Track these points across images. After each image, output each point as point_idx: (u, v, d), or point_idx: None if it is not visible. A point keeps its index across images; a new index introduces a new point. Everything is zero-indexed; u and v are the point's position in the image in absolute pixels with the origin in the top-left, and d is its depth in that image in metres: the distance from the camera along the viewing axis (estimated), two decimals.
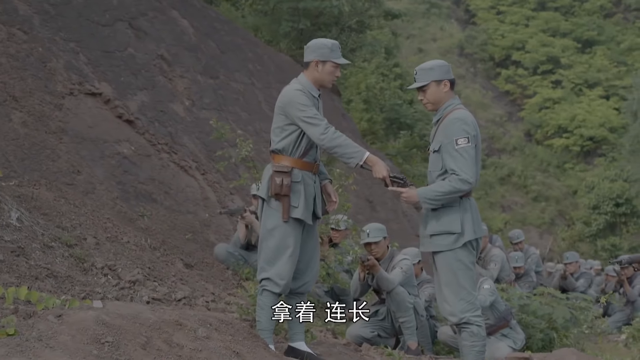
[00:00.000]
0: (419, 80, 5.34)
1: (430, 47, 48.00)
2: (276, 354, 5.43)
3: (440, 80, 5.30)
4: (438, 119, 5.33)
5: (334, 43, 5.55)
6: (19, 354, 3.81)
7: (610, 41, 49.69)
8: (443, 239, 5.21)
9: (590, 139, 41.86)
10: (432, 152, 5.35)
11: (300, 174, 5.52)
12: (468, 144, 5.11)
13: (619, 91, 44.65)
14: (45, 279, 6.05)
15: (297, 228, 5.55)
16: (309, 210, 5.55)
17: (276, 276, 5.57)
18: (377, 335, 7.72)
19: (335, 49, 5.51)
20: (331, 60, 5.48)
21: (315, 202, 5.60)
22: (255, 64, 13.16)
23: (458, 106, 5.30)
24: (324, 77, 5.54)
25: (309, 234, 5.67)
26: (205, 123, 10.66)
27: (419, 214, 14.35)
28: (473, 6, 54.07)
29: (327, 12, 15.20)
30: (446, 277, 5.24)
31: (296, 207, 5.51)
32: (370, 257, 7.47)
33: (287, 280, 5.56)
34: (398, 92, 26.31)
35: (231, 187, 9.35)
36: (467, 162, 5.10)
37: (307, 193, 5.53)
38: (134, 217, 8.41)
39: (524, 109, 45.19)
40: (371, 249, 7.77)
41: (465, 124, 5.15)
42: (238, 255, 8.72)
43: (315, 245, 5.76)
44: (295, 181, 5.51)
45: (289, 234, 5.54)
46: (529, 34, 49.96)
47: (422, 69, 5.37)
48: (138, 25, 10.86)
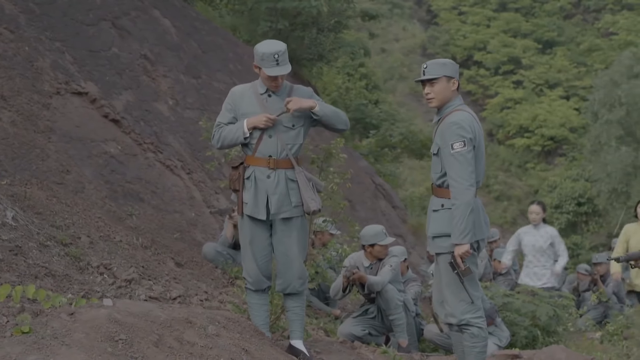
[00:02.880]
0: (430, 73, 5.29)
1: (393, 47, 48.34)
2: (281, 351, 5.54)
3: (451, 77, 5.29)
4: (438, 119, 5.33)
5: (265, 52, 5.40)
6: (36, 351, 3.90)
7: (570, 42, 50.50)
8: (444, 241, 5.24)
9: (551, 139, 42.51)
10: (432, 154, 5.39)
11: (251, 170, 5.51)
12: (463, 148, 5.09)
13: (579, 91, 45.42)
14: (45, 277, 6.08)
15: (254, 225, 5.57)
16: (258, 207, 5.51)
17: (246, 273, 5.72)
18: (368, 334, 7.83)
19: (266, 58, 5.38)
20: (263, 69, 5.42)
21: (269, 199, 5.50)
22: (235, 64, 13.24)
23: (458, 107, 5.28)
24: (262, 80, 5.54)
25: (285, 232, 5.61)
26: (190, 122, 10.72)
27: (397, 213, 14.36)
28: (435, 7, 54.60)
29: (306, 12, 15.26)
30: (447, 278, 5.26)
31: (246, 204, 5.54)
32: (355, 271, 7.61)
33: (255, 276, 5.65)
34: (364, 92, 26.46)
35: (222, 186, 9.40)
36: (463, 167, 5.09)
37: (257, 189, 5.50)
38: (123, 217, 8.46)
39: (485, 109, 45.69)
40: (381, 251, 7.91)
41: (461, 128, 5.13)
42: (226, 254, 8.77)
43: (290, 246, 5.64)
44: (246, 177, 5.53)
45: (247, 231, 5.60)
46: (491, 34, 50.60)
47: (434, 63, 5.35)
48: (121, 25, 10.89)
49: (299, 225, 5.66)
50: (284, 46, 5.49)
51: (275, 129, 5.51)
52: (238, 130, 5.46)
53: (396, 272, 7.82)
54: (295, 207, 5.56)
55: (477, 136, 5.23)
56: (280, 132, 5.52)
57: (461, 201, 5.07)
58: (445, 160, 5.17)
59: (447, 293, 5.32)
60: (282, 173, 5.52)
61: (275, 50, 5.40)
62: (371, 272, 7.79)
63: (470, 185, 5.10)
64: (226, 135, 5.53)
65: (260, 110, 5.50)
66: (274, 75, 5.41)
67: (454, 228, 5.08)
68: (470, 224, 5.06)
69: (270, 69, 5.38)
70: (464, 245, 5.06)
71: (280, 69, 5.41)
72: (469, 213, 5.06)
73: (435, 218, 5.30)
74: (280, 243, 5.62)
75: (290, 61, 5.55)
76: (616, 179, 29.97)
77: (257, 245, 5.62)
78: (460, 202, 5.07)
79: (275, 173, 5.50)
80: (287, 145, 5.51)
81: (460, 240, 5.06)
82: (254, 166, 5.51)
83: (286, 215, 5.56)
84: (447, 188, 5.22)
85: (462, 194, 5.08)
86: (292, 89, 5.64)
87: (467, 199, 5.07)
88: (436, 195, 5.34)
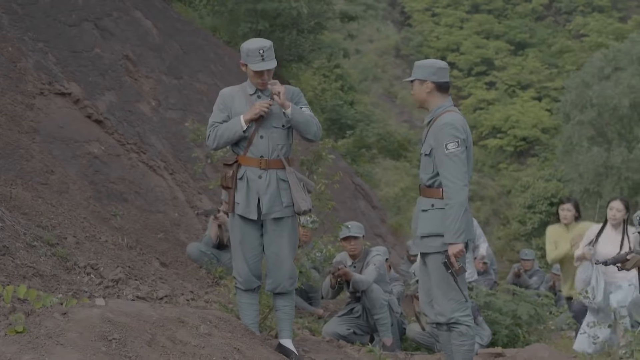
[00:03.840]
0: (412, 75, 5.44)
1: (366, 48, 48.46)
2: (271, 350, 5.60)
3: (423, 80, 5.35)
4: (429, 121, 5.39)
5: (250, 49, 5.46)
6: (31, 351, 3.93)
7: (542, 44, 50.96)
8: (433, 241, 5.28)
9: (523, 140, 42.90)
10: (422, 155, 5.42)
11: (243, 170, 5.57)
12: (458, 148, 5.16)
13: (551, 93, 45.89)
14: (33, 277, 6.11)
15: (244, 224, 5.61)
16: (250, 207, 5.56)
17: (236, 272, 5.77)
18: (352, 333, 7.87)
19: (251, 54, 5.44)
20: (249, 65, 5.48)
21: (260, 199, 5.55)
22: (217, 65, 13.29)
23: (449, 108, 5.34)
24: (250, 78, 5.59)
25: (276, 232, 5.64)
26: (172, 123, 10.77)
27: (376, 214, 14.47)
28: (408, 8, 54.83)
29: (286, 13, 15.31)
30: (437, 278, 5.31)
31: (238, 204, 5.59)
32: (341, 267, 7.68)
33: (245, 276, 5.69)
34: (339, 93, 26.57)
35: (211, 187, 9.46)
36: (458, 167, 5.16)
37: (249, 189, 5.56)
38: (107, 217, 8.48)
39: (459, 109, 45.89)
40: (350, 243, 7.97)
41: (454, 128, 5.18)
42: (210, 254, 8.81)
43: (281, 246, 5.67)
44: (238, 178, 5.57)
45: (237, 230, 5.65)
46: (464, 36, 50.94)
47: (415, 65, 5.47)
48: (103, 26, 10.90)
49: (289, 225, 5.71)
50: (269, 42, 5.55)
51: (266, 129, 5.56)
52: (235, 124, 5.51)
53: (381, 271, 7.90)
54: (287, 207, 5.60)
55: (468, 137, 5.31)
56: (271, 133, 5.58)
57: (455, 201, 5.14)
58: (439, 160, 5.23)
59: (436, 292, 5.37)
60: (273, 173, 5.57)
61: (260, 46, 5.45)
62: (354, 271, 7.87)
63: (464, 185, 5.17)
64: (223, 132, 5.56)
65: None
66: (259, 71, 5.45)
67: (448, 227, 5.14)
68: (464, 223, 5.13)
69: (255, 65, 5.43)
70: (459, 245, 5.13)
71: (266, 64, 5.45)
72: (463, 213, 5.13)
73: (425, 218, 5.34)
74: (271, 243, 5.66)
75: None
76: (588, 179, 30.31)
77: (248, 245, 5.67)
78: (454, 201, 5.14)
79: (266, 173, 5.55)
80: (277, 145, 5.57)
81: (454, 240, 5.12)
82: (246, 166, 5.56)
83: (277, 215, 5.60)
84: (438, 188, 5.28)
85: (457, 193, 5.15)
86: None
87: (461, 198, 5.14)
88: (425, 195, 5.38)
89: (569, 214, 9.40)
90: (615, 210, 7.98)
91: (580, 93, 31.44)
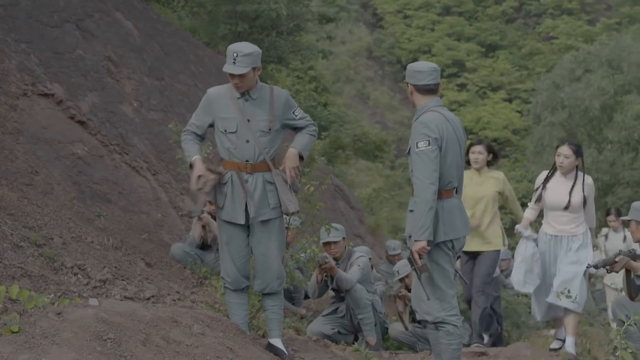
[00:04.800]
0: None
1: (339, 49, 48.53)
2: (262, 349, 5.68)
3: (407, 82, 5.53)
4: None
5: (229, 48, 5.52)
6: (28, 350, 3.98)
7: (512, 46, 51.48)
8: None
9: (494, 141, 43.21)
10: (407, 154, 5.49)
11: (228, 175, 5.61)
12: (427, 147, 5.19)
13: (521, 94, 46.37)
14: (21, 278, 6.13)
15: (231, 227, 5.68)
16: (237, 211, 5.60)
17: (224, 273, 5.83)
18: (337, 332, 7.95)
19: (228, 54, 5.49)
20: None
21: (248, 203, 5.59)
22: (197, 66, 13.33)
23: (432, 108, 5.38)
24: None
25: (263, 234, 5.69)
26: (154, 124, 10.80)
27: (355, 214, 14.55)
28: (380, 10, 55.08)
29: (265, 15, 15.35)
30: (423, 277, 5.36)
31: (220, 209, 5.66)
32: (328, 260, 7.72)
33: (233, 276, 5.76)
34: (313, 95, 26.63)
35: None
36: (425, 165, 5.20)
37: (234, 193, 5.60)
38: (91, 217, 8.50)
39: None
40: (330, 248, 8.05)
41: (426, 127, 5.24)
42: (194, 254, 8.84)
43: (269, 247, 5.72)
44: (222, 182, 5.61)
45: (223, 233, 5.73)
46: (435, 38, 51.31)
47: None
48: (85, 27, 10.90)
49: (277, 226, 5.75)
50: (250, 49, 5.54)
51: (252, 134, 5.58)
52: (189, 156, 5.65)
53: (365, 272, 7.97)
54: (274, 209, 5.66)
55: (444, 137, 5.31)
56: (258, 137, 5.60)
57: (421, 198, 5.20)
58: (411, 158, 5.32)
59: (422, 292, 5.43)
60: (259, 176, 5.61)
61: (237, 49, 5.48)
62: None
63: (430, 183, 5.19)
64: (184, 148, 5.75)
65: (237, 115, 5.58)
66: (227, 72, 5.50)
67: (414, 224, 5.21)
68: (428, 221, 5.16)
69: (226, 66, 5.50)
70: (422, 242, 5.17)
71: (234, 67, 5.45)
72: (427, 210, 5.16)
73: (409, 218, 5.40)
74: (259, 244, 5.71)
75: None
76: None
77: (234, 247, 5.73)
78: (420, 199, 5.21)
79: (252, 177, 5.60)
80: (264, 149, 5.60)
81: (418, 237, 5.19)
82: (232, 170, 5.60)
83: (265, 218, 5.65)
84: None
85: (422, 191, 5.20)
86: (272, 90, 5.72)
87: (426, 196, 5.18)
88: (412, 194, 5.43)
89: (480, 157, 8.24)
90: (563, 156, 7.24)
91: (551, 95, 31.72)
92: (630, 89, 29.78)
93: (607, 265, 6.47)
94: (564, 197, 7.23)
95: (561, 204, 7.26)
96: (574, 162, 7.23)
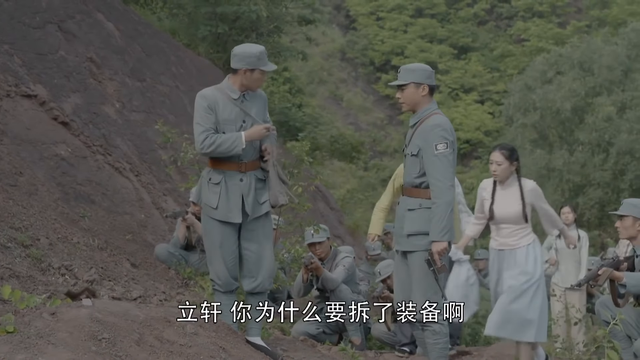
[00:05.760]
0: (400, 79, 5.54)
1: (313, 51, 48.62)
2: (253, 349, 5.74)
3: (419, 83, 5.51)
4: (415, 123, 5.55)
5: (261, 51, 5.66)
6: (24, 350, 4.00)
7: (484, 48, 51.84)
8: (420, 239, 5.42)
9: (467, 142, 43.56)
10: (409, 155, 5.56)
11: (220, 175, 5.66)
12: (446, 150, 5.34)
13: (493, 96, 46.71)
14: (10, 279, 6.13)
15: (223, 228, 5.70)
16: (233, 211, 5.65)
17: (215, 276, 5.83)
18: (322, 332, 7.98)
19: (262, 57, 5.63)
20: (259, 69, 5.62)
21: (244, 201, 5.66)
22: (178, 67, 13.36)
23: (435, 111, 5.52)
24: (251, 83, 5.66)
25: (252, 232, 5.77)
26: (136, 125, 10.84)
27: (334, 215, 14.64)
28: (353, 12, 55.21)
29: (245, 17, 15.38)
30: (419, 276, 5.45)
31: (214, 209, 5.67)
32: (314, 260, 7.76)
33: (225, 279, 5.76)
34: (287, 96, 26.67)
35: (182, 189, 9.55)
36: (445, 167, 5.33)
37: (229, 193, 5.65)
38: (75, 218, 8.52)
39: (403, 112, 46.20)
40: (315, 249, 8.11)
41: (444, 130, 5.37)
42: (178, 255, 8.86)
43: (263, 244, 5.80)
44: (214, 183, 5.67)
45: (216, 234, 5.71)
46: (408, 39, 51.53)
47: (405, 69, 5.61)
48: (67, 28, 10.91)
49: (268, 221, 5.87)
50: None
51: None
52: (236, 142, 5.56)
53: (350, 272, 8.03)
54: (263, 204, 5.76)
55: (455, 141, 5.49)
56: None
57: (443, 200, 5.30)
58: (428, 160, 5.38)
59: (415, 290, 5.52)
60: (252, 175, 5.71)
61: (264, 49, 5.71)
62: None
63: (451, 185, 5.34)
64: (222, 143, 5.56)
65: (242, 115, 5.69)
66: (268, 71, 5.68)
67: (435, 226, 5.29)
68: (450, 222, 5.29)
69: (268, 65, 5.66)
70: (443, 243, 5.28)
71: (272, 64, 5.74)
72: (449, 212, 5.28)
73: (411, 217, 5.47)
74: (251, 242, 5.78)
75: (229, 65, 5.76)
76: None
77: (227, 248, 5.75)
78: (442, 201, 5.30)
79: (246, 176, 5.68)
80: (256, 149, 5.73)
81: (440, 238, 5.28)
82: (225, 171, 5.67)
83: (259, 214, 5.75)
84: (425, 188, 5.43)
85: (444, 193, 5.31)
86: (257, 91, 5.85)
87: (448, 198, 5.30)
88: (411, 195, 5.52)
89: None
90: (495, 163, 6.57)
91: (523, 96, 31.99)
92: (601, 91, 30.10)
93: (590, 280, 6.31)
94: (517, 209, 6.56)
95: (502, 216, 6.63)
96: (508, 168, 6.53)
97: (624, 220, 6.56)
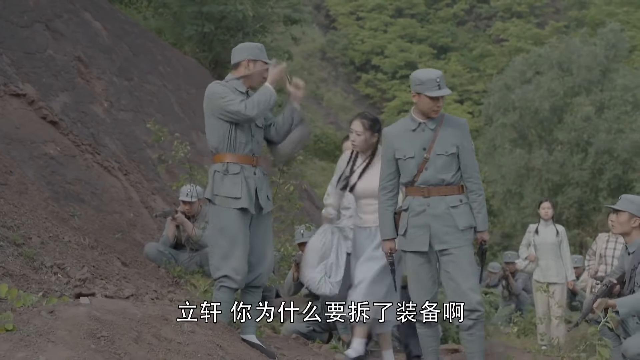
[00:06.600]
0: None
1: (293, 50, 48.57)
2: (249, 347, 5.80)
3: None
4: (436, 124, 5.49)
5: (262, 46, 5.92)
6: (24, 348, 4.05)
7: (464, 48, 51.99)
8: (468, 233, 5.49)
9: None
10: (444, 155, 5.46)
11: (238, 167, 5.74)
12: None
13: (473, 96, 46.88)
14: (3, 277, 6.14)
15: (243, 221, 5.76)
16: (252, 202, 5.74)
17: (232, 272, 5.75)
18: (312, 330, 7.94)
19: (263, 50, 5.87)
20: (261, 60, 5.82)
21: (258, 194, 5.78)
22: (165, 67, 13.38)
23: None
24: (254, 75, 5.80)
25: (259, 226, 5.87)
26: (124, 124, 10.86)
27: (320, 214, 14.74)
28: (333, 11, 55.20)
29: (231, 16, 15.39)
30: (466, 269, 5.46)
31: (239, 198, 5.71)
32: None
33: (244, 274, 5.77)
34: None
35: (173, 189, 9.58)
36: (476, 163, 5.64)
37: (248, 184, 5.74)
38: (65, 217, 8.53)
39: (384, 112, 46.43)
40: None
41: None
42: (168, 254, 8.91)
43: (265, 237, 5.95)
44: (233, 173, 5.74)
45: (238, 228, 5.73)
46: (388, 39, 51.55)
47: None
48: (54, 27, 10.92)
49: (271, 218, 6.06)
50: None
51: (256, 129, 5.87)
52: (268, 93, 5.76)
53: None
54: (270, 201, 5.95)
55: None
56: (258, 131, 5.90)
57: (483, 192, 5.59)
58: (469, 157, 5.54)
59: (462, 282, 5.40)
60: (260, 170, 5.88)
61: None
62: None
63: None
64: (260, 100, 5.70)
65: None
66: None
67: (481, 218, 5.50)
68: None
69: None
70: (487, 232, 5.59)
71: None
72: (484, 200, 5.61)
73: (458, 213, 5.44)
74: (258, 237, 5.89)
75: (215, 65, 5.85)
76: (510, 180, 31.08)
77: (247, 242, 5.80)
78: (482, 193, 5.58)
79: (258, 170, 5.85)
80: (260, 143, 5.94)
81: (485, 228, 5.54)
82: (242, 164, 5.77)
83: (268, 209, 5.94)
84: (459, 185, 5.52)
85: (481, 185, 5.61)
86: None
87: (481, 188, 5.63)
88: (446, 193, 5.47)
89: None
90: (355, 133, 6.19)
91: (502, 96, 32.11)
92: (580, 91, 30.32)
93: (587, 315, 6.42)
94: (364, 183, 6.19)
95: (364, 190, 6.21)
96: (368, 139, 6.18)
97: (619, 215, 6.57)
